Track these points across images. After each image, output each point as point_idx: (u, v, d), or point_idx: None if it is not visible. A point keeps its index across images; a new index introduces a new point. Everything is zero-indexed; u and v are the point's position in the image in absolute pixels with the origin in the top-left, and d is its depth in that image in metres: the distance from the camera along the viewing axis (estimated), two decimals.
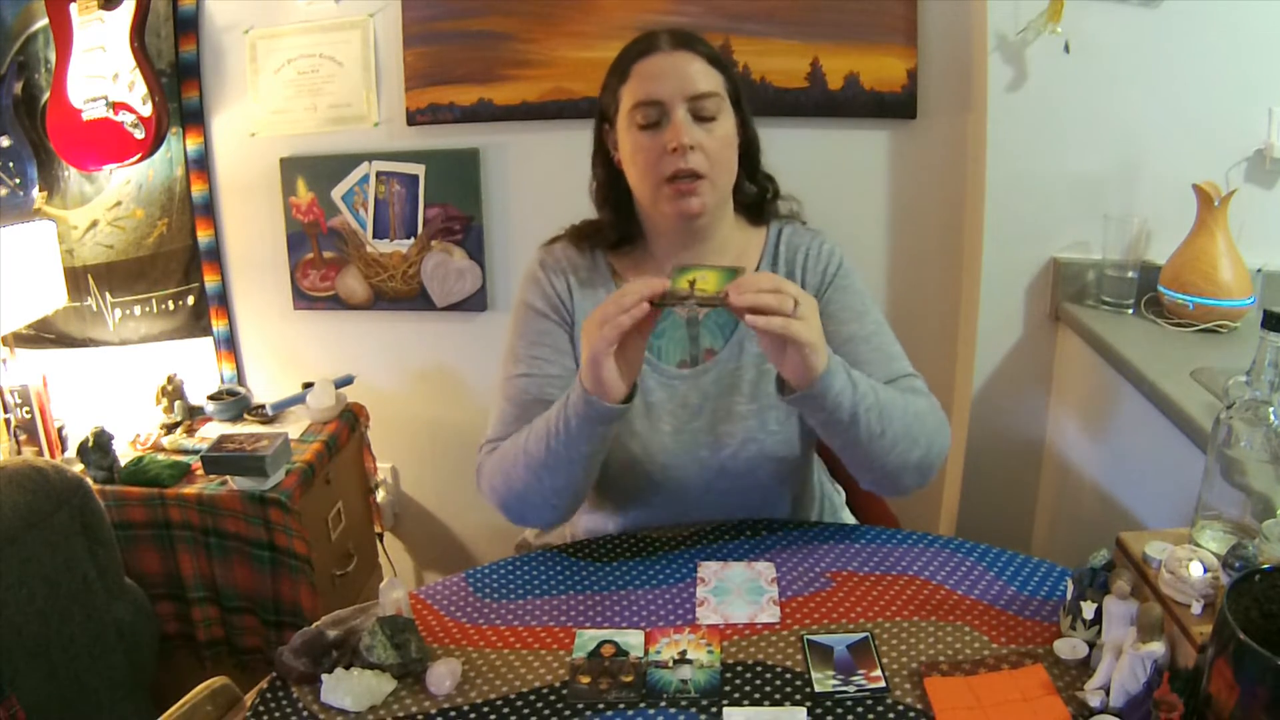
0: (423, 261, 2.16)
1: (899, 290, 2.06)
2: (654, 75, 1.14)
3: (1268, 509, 0.93)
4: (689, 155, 1.11)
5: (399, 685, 0.97)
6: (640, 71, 1.15)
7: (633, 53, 1.18)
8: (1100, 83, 1.71)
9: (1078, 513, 1.77)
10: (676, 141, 1.11)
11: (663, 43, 1.16)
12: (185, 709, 0.95)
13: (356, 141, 2.13)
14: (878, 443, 1.06)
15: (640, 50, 1.17)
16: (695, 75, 1.14)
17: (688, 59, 1.15)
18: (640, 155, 1.15)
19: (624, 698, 0.94)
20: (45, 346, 2.34)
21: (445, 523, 2.45)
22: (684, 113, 1.12)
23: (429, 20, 2.01)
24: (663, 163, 1.12)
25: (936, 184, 1.97)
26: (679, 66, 1.14)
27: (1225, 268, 1.57)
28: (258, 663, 1.91)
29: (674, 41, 1.16)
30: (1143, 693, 0.83)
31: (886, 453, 1.07)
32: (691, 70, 1.14)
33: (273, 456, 1.78)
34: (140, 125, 2.03)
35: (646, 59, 1.15)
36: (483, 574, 1.20)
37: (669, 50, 1.15)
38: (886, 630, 1.02)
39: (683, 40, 1.17)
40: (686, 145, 1.11)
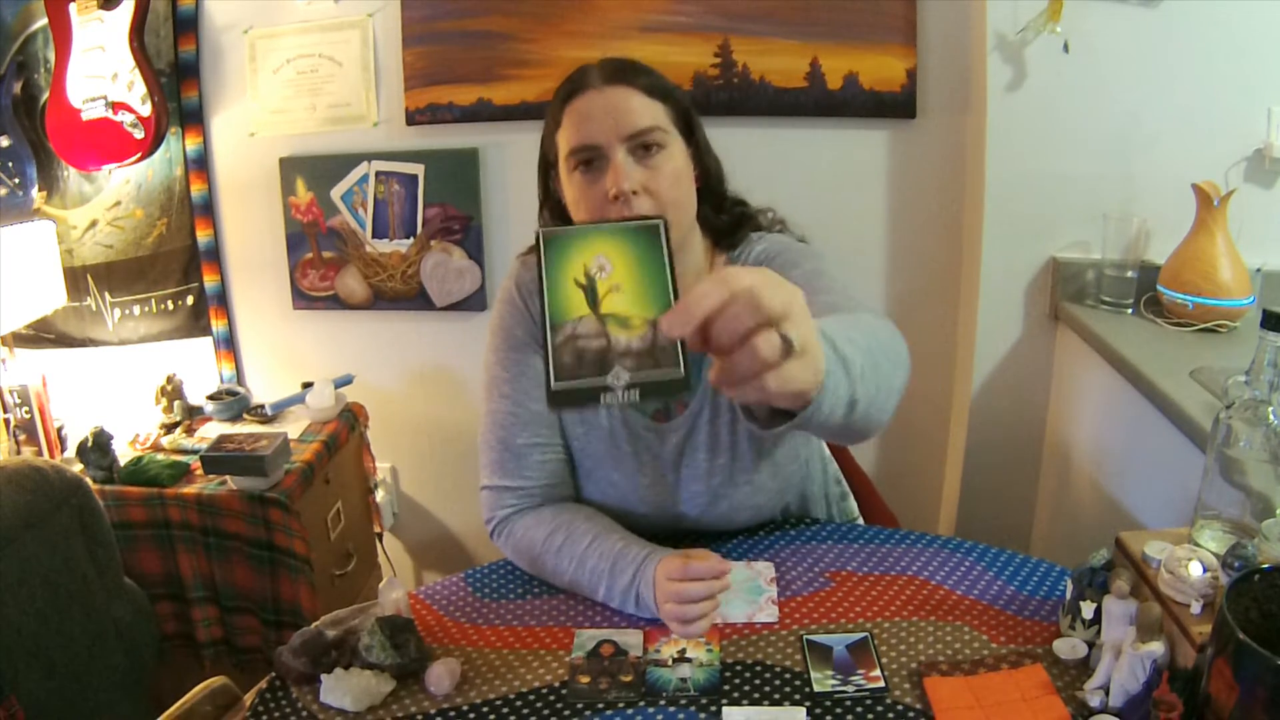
0: (422, 261, 2.16)
1: (899, 290, 2.06)
2: (586, 117, 1.04)
3: (1267, 509, 0.93)
4: (632, 201, 1.02)
5: (398, 685, 0.97)
6: (572, 113, 1.06)
7: (563, 93, 1.08)
8: (1100, 82, 1.71)
9: (1077, 512, 1.77)
10: (616, 188, 1.02)
11: (593, 78, 1.06)
12: (185, 709, 0.95)
13: (356, 141, 2.13)
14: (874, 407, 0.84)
15: (570, 90, 1.07)
16: (632, 111, 1.04)
17: (622, 94, 1.05)
18: (583, 203, 1.06)
19: (623, 697, 0.94)
20: (45, 346, 2.34)
21: (445, 523, 2.45)
22: (623, 154, 1.03)
23: (428, 20, 2.01)
24: (606, 210, 1.03)
25: (936, 184, 1.97)
26: (613, 104, 1.04)
27: (1225, 267, 1.57)
28: (257, 663, 1.90)
29: (605, 76, 1.06)
30: (1142, 692, 0.83)
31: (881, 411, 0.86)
32: (628, 106, 1.04)
33: (272, 456, 1.78)
34: (139, 125, 2.03)
35: (576, 99, 1.06)
36: (482, 574, 1.20)
37: (600, 86, 1.05)
38: (886, 630, 1.02)
39: (615, 73, 1.06)
40: (628, 191, 1.02)
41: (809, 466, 1.30)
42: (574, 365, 0.56)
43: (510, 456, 1.17)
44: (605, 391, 0.56)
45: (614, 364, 0.56)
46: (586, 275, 0.58)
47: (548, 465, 1.18)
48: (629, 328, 0.57)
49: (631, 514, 1.18)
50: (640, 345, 0.56)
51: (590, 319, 0.57)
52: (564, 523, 1.13)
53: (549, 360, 0.56)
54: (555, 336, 0.57)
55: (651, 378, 0.56)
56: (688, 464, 1.16)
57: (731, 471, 1.16)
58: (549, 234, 0.59)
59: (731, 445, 1.15)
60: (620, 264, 0.59)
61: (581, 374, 0.56)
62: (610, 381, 0.56)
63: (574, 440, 1.19)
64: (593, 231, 0.60)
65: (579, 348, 0.56)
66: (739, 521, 1.22)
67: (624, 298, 0.58)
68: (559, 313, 0.57)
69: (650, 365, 0.56)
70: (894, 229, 2.03)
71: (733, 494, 1.17)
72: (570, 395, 0.56)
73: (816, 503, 1.34)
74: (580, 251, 0.58)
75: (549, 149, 1.12)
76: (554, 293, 0.58)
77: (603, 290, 0.58)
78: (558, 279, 0.58)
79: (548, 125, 1.11)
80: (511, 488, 1.17)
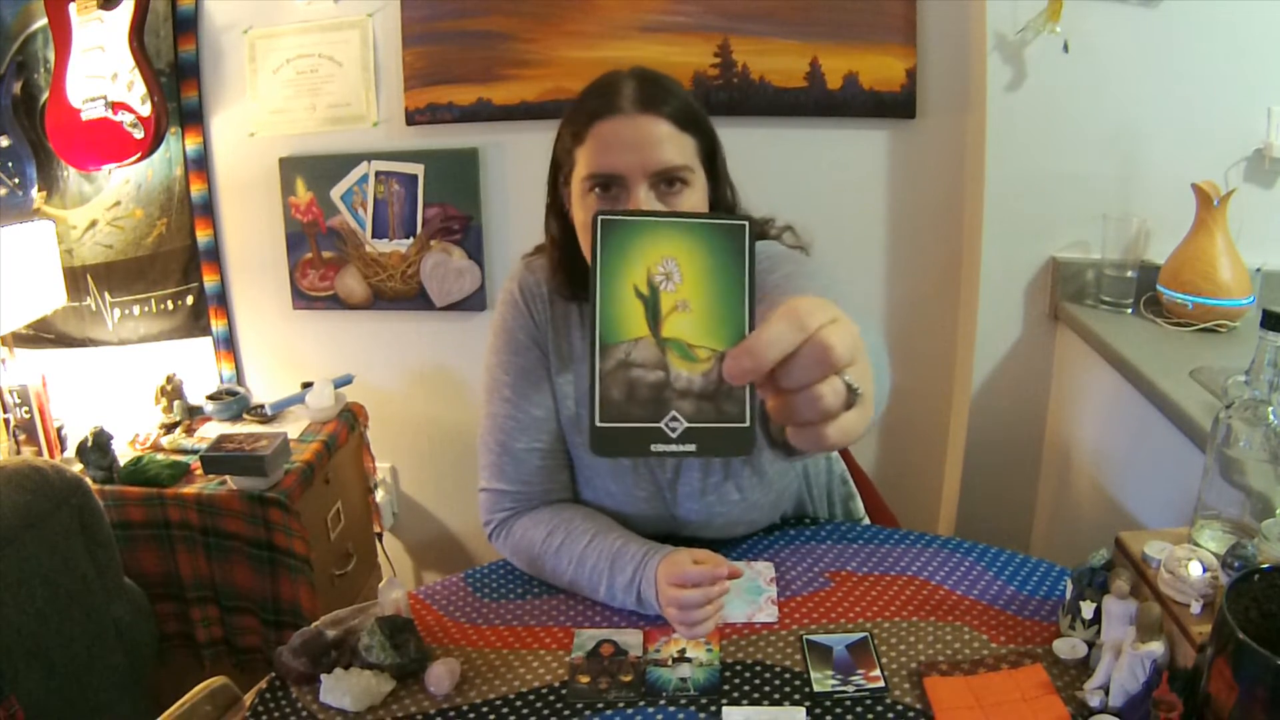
0: (422, 261, 2.16)
1: (898, 290, 2.06)
2: (613, 144, 0.99)
3: (1267, 508, 0.93)
4: None
5: (398, 685, 0.97)
6: (599, 135, 1.00)
7: (590, 107, 1.02)
8: (1099, 82, 1.71)
9: (1077, 512, 1.77)
10: None
11: (626, 102, 1.00)
12: (184, 709, 0.95)
13: (355, 141, 2.13)
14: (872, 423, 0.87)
15: (599, 108, 1.01)
16: (661, 145, 0.99)
17: (653, 125, 0.99)
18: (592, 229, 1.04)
19: (623, 697, 0.94)
20: (44, 346, 2.34)
21: (445, 523, 2.45)
22: (645, 189, 0.98)
23: (428, 20, 2.01)
24: None
25: (936, 184, 1.97)
26: (643, 135, 0.99)
27: (1224, 267, 1.57)
28: (257, 663, 1.90)
29: (638, 101, 1.00)
30: (1142, 692, 0.83)
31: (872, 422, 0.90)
32: (658, 138, 0.99)
33: (272, 456, 1.78)
34: (139, 125, 2.03)
35: (605, 122, 1.00)
36: (482, 574, 1.20)
37: (632, 113, 1.00)
38: (886, 630, 1.02)
39: (649, 99, 1.01)
40: None
41: (808, 471, 1.30)
42: (624, 402, 0.46)
43: (509, 460, 1.17)
44: (658, 439, 0.46)
45: (670, 405, 0.46)
46: (650, 284, 0.47)
47: (547, 470, 1.18)
48: (692, 360, 0.47)
49: (629, 520, 1.18)
50: (703, 385, 0.46)
51: (648, 343, 0.46)
52: (562, 522, 1.13)
53: (595, 391, 0.46)
54: (605, 361, 0.46)
55: (713, 428, 0.46)
56: (683, 482, 1.16)
57: (725, 490, 1.15)
58: (609, 219, 0.47)
59: (725, 464, 1.15)
60: (691, 274, 0.47)
61: (632, 414, 0.46)
62: (664, 427, 0.46)
63: (573, 447, 1.19)
64: (664, 225, 0.47)
65: (631, 379, 0.46)
66: (734, 534, 1.22)
67: (690, 320, 0.47)
68: (612, 331, 0.46)
69: (711, 412, 0.46)
70: (894, 229, 2.03)
71: (727, 511, 1.17)
72: (617, 438, 0.46)
73: (819, 505, 1.34)
74: (646, 250, 0.47)
75: (564, 158, 1.07)
76: (608, 302, 0.46)
77: (666, 306, 0.47)
78: (614, 284, 0.46)
79: (567, 132, 1.06)
80: (510, 491, 1.17)
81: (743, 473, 1.15)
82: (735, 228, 0.48)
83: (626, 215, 0.47)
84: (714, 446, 0.47)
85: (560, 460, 1.19)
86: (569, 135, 1.05)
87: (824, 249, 1.23)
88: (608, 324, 0.46)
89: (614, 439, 0.46)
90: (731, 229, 0.48)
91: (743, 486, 1.15)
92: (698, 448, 0.47)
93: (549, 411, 1.18)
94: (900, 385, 2.21)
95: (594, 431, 0.46)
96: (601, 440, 0.46)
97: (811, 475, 1.31)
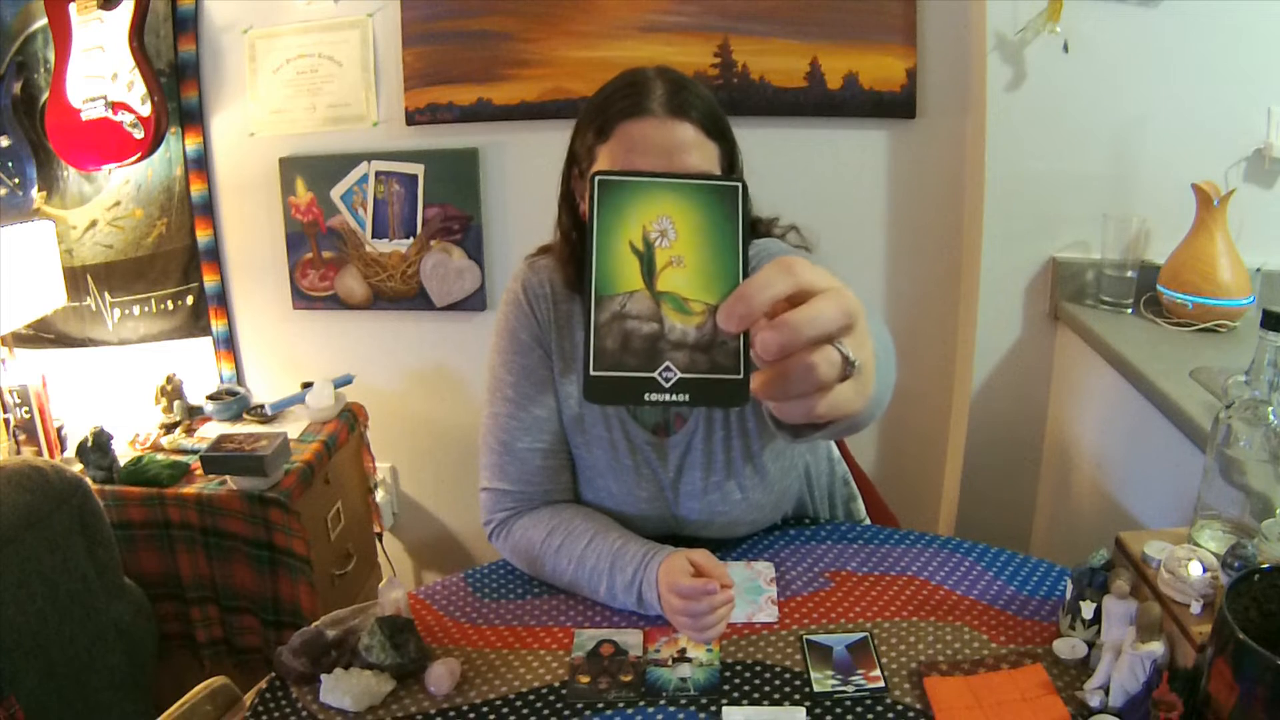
0: (422, 261, 2.16)
1: (898, 290, 2.06)
2: (640, 146, 0.99)
3: (1267, 508, 0.93)
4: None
5: (398, 685, 0.97)
6: (625, 136, 1.00)
7: (618, 107, 1.01)
8: (1099, 82, 1.71)
9: (1077, 512, 1.77)
10: None
11: (655, 105, 1.00)
12: (185, 709, 0.95)
13: (355, 141, 2.13)
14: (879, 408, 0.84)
15: (628, 109, 1.00)
16: (688, 151, 0.99)
17: (681, 129, 0.99)
18: None
19: (623, 697, 0.94)
20: (44, 346, 2.34)
21: (445, 523, 2.45)
22: None
23: (428, 20, 2.01)
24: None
25: (936, 184, 1.97)
26: (671, 141, 0.99)
27: (1224, 267, 1.57)
28: (257, 663, 1.90)
29: (668, 106, 1.00)
30: (1142, 692, 0.83)
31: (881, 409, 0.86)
32: (684, 145, 0.99)
33: (272, 456, 1.78)
34: (139, 125, 2.03)
35: (634, 122, 0.99)
36: (482, 574, 1.20)
37: (661, 117, 0.99)
38: (885, 630, 1.02)
39: (679, 103, 1.00)
40: None
41: (810, 472, 1.30)
42: (618, 351, 0.47)
43: (511, 460, 1.17)
44: (651, 389, 0.47)
45: (664, 356, 0.47)
46: (645, 240, 0.48)
47: (548, 470, 1.18)
48: (686, 313, 0.47)
49: (630, 521, 1.18)
50: (697, 337, 0.47)
51: (643, 296, 0.47)
52: (562, 523, 1.13)
53: (589, 340, 0.47)
54: (600, 313, 0.47)
55: (706, 379, 0.47)
56: (685, 481, 1.16)
57: (727, 489, 1.15)
58: (606, 179, 0.48)
59: (727, 463, 1.14)
60: (685, 232, 0.48)
61: (626, 363, 0.47)
62: (658, 376, 0.47)
63: (575, 448, 1.19)
64: (659, 185, 0.48)
65: (626, 330, 0.47)
66: (736, 533, 1.22)
67: (685, 275, 0.48)
68: (607, 283, 0.47)
69: (705, 363, 0.47)
70: (894, 229, 2.03)
71: (728, 511, 1.17)
72: (610, 386, 0.47)
73: (820, 506, 1.34)
74: (641, 208, 0.48)
75: (583, 153, 1.06)
76: (604, 256, 0.47)
77: (661, 262, 0.48)
78: (610, 239, 0.48)
79: (590, 127, 1.04)
80: (511, 491, 1.17)
81: (744, 472, 1.15)
82: (729, 189, 0.49)
83: (624, 175, 0.48)
84: (707, 397, 0.47)
85: (562, 461, 1.19)
86: (592, 131, 1.04)
87: (824, 249, 1.23)
88: (604, 277, 0.47)
89: (607, 386, 0.47)
90: (725, 190, 0.49)
91: (745, 486, 1.15)
92: (690, 398, 0.47)
93: (551, 411, 1.18)
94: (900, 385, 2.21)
95: (587, 379, 0.47)
96: (595, 387, 0.47)
97: (814, 477, 1.31)
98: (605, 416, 1.16)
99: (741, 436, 1.14)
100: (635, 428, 1.16)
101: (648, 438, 1.16)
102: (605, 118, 1.02)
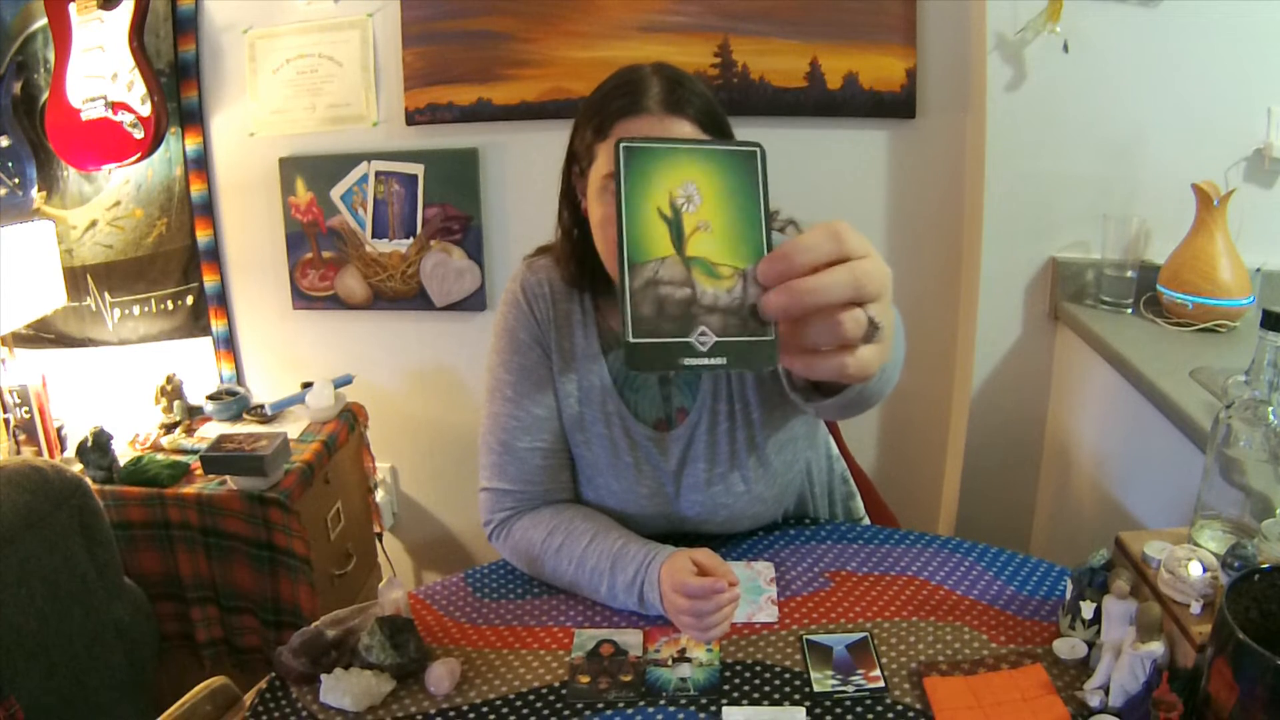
0: (422, 261, 2.16)
1: (898, 290, 2.02)
2: None
3: (1267, 508, 0.93)
4: None
5: (398, 685, 0.97)
6: (622, 134, 1.00)
7: (615, 104, 1.02)
8: (1099, 82, 1.71)
9: (1077, 512, 1.77)
10: None
11: (651, 102, 1.00)
12: (185, 709, 0.95)
13: (355, 141, 2.13)
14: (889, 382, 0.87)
15: (625, 106, 1.01)
16: None
17: (678, 126, 1.00)
18: (609, 228, 1.01)
19: (623, 697, 0.94)
20: (44, 346, 2.34)
21: (445, 523, 2.45)
22: None
23: (428, 20, 2.01)
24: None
25: (936, 184, 1.98)
26: (667, 135, 0.99)
27: (1224, 267, 1.57)
28: (257, 663, 1.90)
29: (665, 103, 1.01)
30: (1142, 692, 0.83)
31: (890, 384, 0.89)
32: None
33: (272, 456, 1.78)
34: (139, 125, 2.03)
35: (631, 120, 1.00)
36: (482, 574, 1.20)
37: (659, 114, 1.00)
38: (885, 630, 1.02)
39: (675, 101, 1.01)
40: None
41: (811, 469, 1.30)
42: (654, 318, 0.47)
43: (511, 460, 1.17)
44: (688, 354, 0.47)
45: (699, 320, 0.47)
46: (672, 205, 0.48)
47: (548, 470, 1.18)
48: (716, 277, 0.48)
49: (631, 519, 1.18)
50: (728, 301, 0.48)
51: (674, 261, 0.48)
52: (562, 523, 1.13)
53: (626, 308, 0.47)
54: (634, 279, 0.47)
55: (740, 341, 0.48)
56: (688, 474, 1.16)
57: (730, 481, 1.15)
58: (631, 146, 0.48)
59: (731, 455, 1.14)
60: (710, 197, 0.49)
61: (662, 329, 0.47)
62: (695, 341, 0.47)
63: (575, 447, 1.19)
64: (682, 151, 0.49)
65: (660, 296, 0.47)
66: (738, 529, 1.22)
67: (712, 240, 0.48)
68: (639, 250, 0.48)
69: (737, 326, 0.48)
70: (894, 229, 2.03)
71: (731, 504, 1.17)
72: (650, 352, 0.47)
73: (820, 503, 1.34)
74: (666, 173, 0.48)
75: (582, 151, 1.07)
76: (634, 222, 0.48)
77: (689, 227, 0.48)
78: (638, 205, 0.48)
79: (588, 125, 1.05)
80: (511, 491, 1.17)
81: (748, 463, 1.15)
82: (748, 153, 0.50)
83: (647, 142, 0.49)
84: (742, 359, 0.48)
85: (562, 460, 1.19)
86: (590, 129, 1.05)
87: None
88: (635, 244, 0.48)
89: (647, 354, 0.47)
90: (746, 154, 0.50)
91: (748, 478, 1.15)
92: (727, 361, 0.48)
93: (551, 411, 1.18)
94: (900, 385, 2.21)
95: (628, 347, 0.47)
96: (636, 354, 0.47)
97: (814, 473, 1.31)
98: (605, 415, 1.16)
99: (746, 427, 1.14)
100: (635, 424, 1.16)
101: (648, 433, 1.16)
102: (603, 117, 1.03)
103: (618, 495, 1.18)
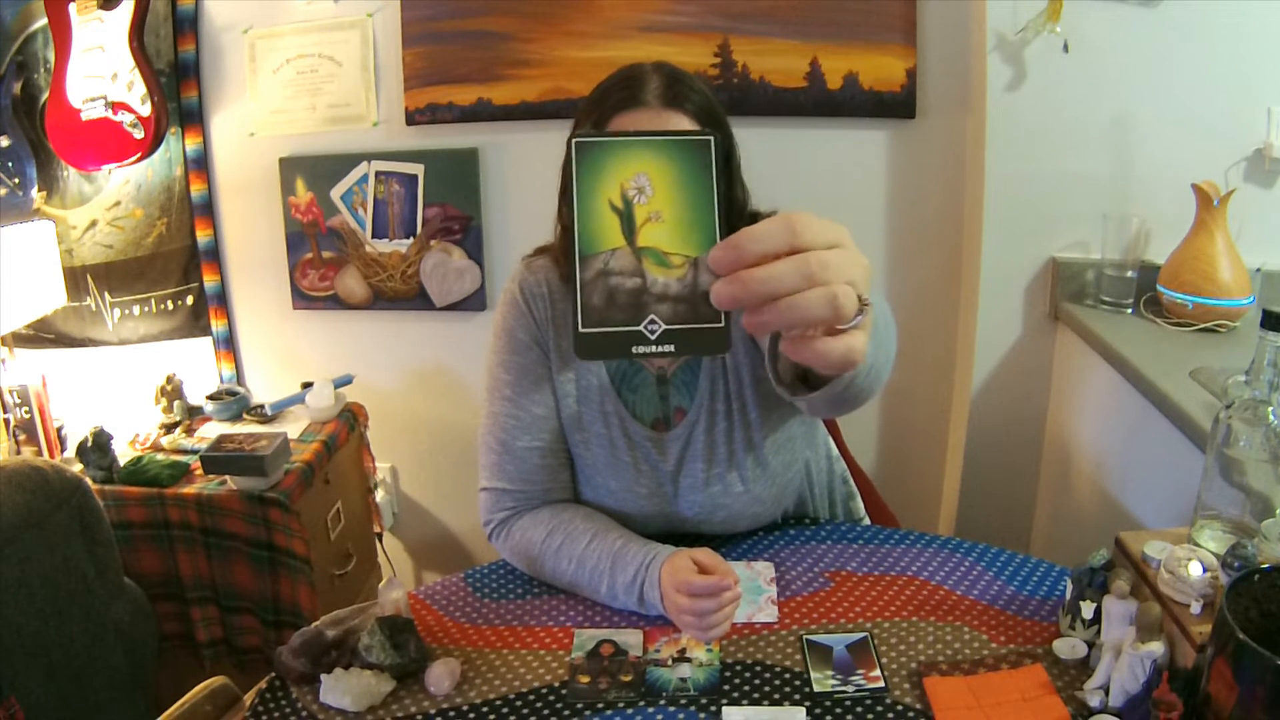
0: (422, 261, 2.16)
1: (898, 290, 2.06)
2: None
3: (1267, 508, 0.93)
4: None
5: (398, 685, 0.97)
6: (619, 128, 1.03)
7: (614, 99, 1.04)
8: (1099, 82, 1.71)
9: (1077, 512, 1.77)
10: None
11: (650, 96, 1.02)
12: (185, 709, 0.95)
13: (355, 141, 2.13)
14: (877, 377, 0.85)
15: (623, 100, 1.03)
16: None
17: (676, 121, 1.02)
18: None
19: (623, 697, 0.94)
20: (44, 346, 2.34)
21: (445, 523, 2.45)
22: None
23: (428, 20, 2.01)
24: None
25: (935, 184, 1.97)
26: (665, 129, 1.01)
27: (1224, 267, 1.57)
28: (257, 663, 1.90)
29: (663, 97, 1.03)
30: (1142, 692, 0.83)
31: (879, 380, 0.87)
32: None
33: (272, 456, 1.78)
34: (139, 125, 2.03)
35: (628, 114, 1.02)
36: (482, 574, 1.20)
37: (657, 108, 1.02)
38: (885, 630, 1.02)
39: (673, 95, 1.03)
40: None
41: (810, 470, 1.30)
42: (604, 308, 0.49)
43: (510, 459, 1.17)
44: (637, 341, 0.49)
45: (649, 309, 0.49)
46: (624, 197, 0.49)
47: (548, 469, 1.18)
48: (667, 266, 0.49)
49: (630, 519, 1.18)
50: (679, 289, 0.49)
51: (625, 252, 0.49)
52: (562, 523, 1.13)
53: (576, 299, 0.48)
54: (584, 271, 0.49)
55: (689, 329, 0.49)
56: (686, 474, 1.16)
57: (729, 481, 1.15)
58: (583, 141, 0.49)
59: (729, 454, 1.15)
60: (662, 187, 0.49)
61: (612, 318, 0.48)
62: (644, 329, 0.49)
63: (573, 446, 1.19)
64: (634, 143, 0.49)
65: (610, 286, 0.49)
66: (737, 529, 1.22)
67: (664, 230, 0.49)
68: (590, 242, 0.49)
69: (688, 313, 0.49)
70: (894, 229, 2.03)
71: (730, 504, 1.17)
72: (600, 342, 0.48)
73: (819, 503, 1.34)
74: (618, 167, 0.49)
75: None
76: (585, 217, 0.49)
77: (640, 218, 0.49)
78: (590, 199, 0.49)
79: (587, 121, 1.07)
80: (511, 490, 1.17)
81: (746, 463, 1.15)
82: (702, 143, 0.50)
83: (599, 136, 0.49)
84: (691, 345, 0.49)
85: (561, 459, 1.19)
86: (589, 124, 1.06)
87: None
88: (586, 237, 0.49)
89: (596, 343, 0.48)
90: (699, 144, 0.50)
91: (746, 478, 1.15)
92: (676, 347, 0.49)
93: (550, 410, 1.18)
94: (900, 385, 2.23)
95: (576, 337, 0.48)
96: (584, 344, 0.48)
97: (814, 474, 1.31)
98: (603, 414, 1.16)
99: (743, 427, 1.14)
100: (634, 424, 1.16)
101: (647, 433, 1.16)
102: (601, 111, 1.04)
103: (616, 495, 1.18)
